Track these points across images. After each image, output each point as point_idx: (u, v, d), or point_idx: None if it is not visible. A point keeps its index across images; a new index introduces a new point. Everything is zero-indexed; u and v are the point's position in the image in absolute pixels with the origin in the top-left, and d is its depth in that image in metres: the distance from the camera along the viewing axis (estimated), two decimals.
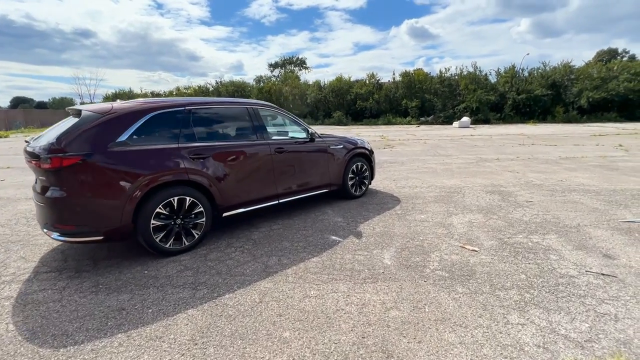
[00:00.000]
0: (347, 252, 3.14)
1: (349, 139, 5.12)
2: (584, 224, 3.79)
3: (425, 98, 30.84)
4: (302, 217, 4.27)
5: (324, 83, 35.04)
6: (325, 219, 4.19)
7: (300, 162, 4.26)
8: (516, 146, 12.23)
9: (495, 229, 3.66)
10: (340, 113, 31.26)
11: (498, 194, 5.19)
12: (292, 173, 4.17)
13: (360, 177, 5.17)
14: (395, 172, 7.37)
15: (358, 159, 5.08)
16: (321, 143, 4.52)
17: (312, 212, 4.48)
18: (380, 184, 6.17)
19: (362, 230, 3.75)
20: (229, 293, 2.46)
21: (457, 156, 9.75)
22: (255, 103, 3.96)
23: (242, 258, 3.07)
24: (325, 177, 4.60)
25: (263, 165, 3.81)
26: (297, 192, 4.25)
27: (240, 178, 3.59)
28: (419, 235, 3.55)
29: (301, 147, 4.28)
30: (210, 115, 3.53)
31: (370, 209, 4.57)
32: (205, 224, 3.31)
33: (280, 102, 35.02)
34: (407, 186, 5.91)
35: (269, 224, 4.01)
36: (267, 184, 3.88)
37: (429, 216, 4.17)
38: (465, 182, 6.18)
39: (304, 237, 3.58)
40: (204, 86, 38.94)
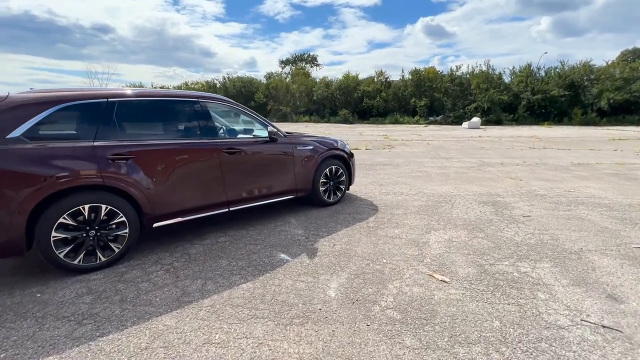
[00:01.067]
0: (288, 277, 2.60)
1: (323, 139, 4.56)
2: (588, 248, 3.13)
3: (434, 97, 29.85)
4: (259, 227, 3.74)
5: (331, 80, 34.39)
6: (285, 230, 3.65)
7: (258, 164, 3.72)
8: (525, 149, 11.40)
9: (477, 252, 3.05)
10: (347, 111, 30.60)
11: (492, 206, 4.55)
12: (247, 177, 3.64)
13: (336, 182, 4.60)
14: (385, 175, 6.76)
15: (332, 162, 4.52)
16: (286, 143, 3.98)
17: (272, 221, 3.95)
18: (364, 188, 5.59)
19: (319, 247, 3.19)
20: (115, 332, 1.96)
21: (458, 159, 9.04)
22: (203, 97, 3.43)
23: (162, 280, 2.57)
24: (291, 181, 4.05)
25: (208, 168, 3.29)
26: (253, 199, 3.72)
27: (177, 183, 3.08)
28: (383, 256, 2.98)
29: (259, 148, 3.74)
30: (141, 110, 3.03)
31: (340, 219, 4.01)
32: (128, 236, 2.82)
33: (287, 99, 34.58)
34: (392, 192, 5.31)
35: (216, 235, 3.50)
36: (213, 189, 3.36)
37: (403, 231, 3.59)
38: (458, 189, 5.54)
39: (248, 254, 3.05)
40: (211, 81, 38.84)
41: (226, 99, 3.67)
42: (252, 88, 36.51)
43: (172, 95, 3.23)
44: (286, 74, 42.66)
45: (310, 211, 4.33)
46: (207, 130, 3.34)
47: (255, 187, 3.73)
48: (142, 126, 3.03)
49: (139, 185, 2.84)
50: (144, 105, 3.03)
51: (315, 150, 4.28)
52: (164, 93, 3.21)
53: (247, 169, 3.63)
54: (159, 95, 3.14)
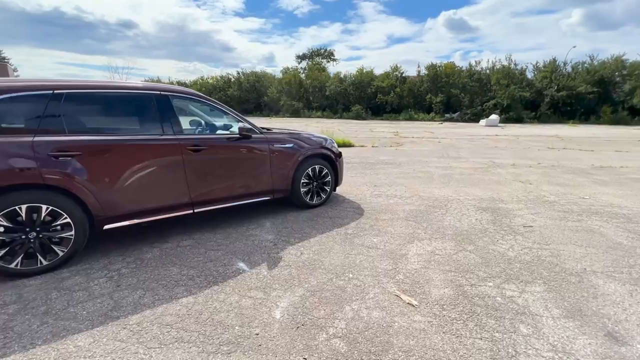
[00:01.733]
0: (236, 292, 2.33)
1: (306, 137, 4.24)
2: (593, 269, 2.69)
3: (451, 93, 28.79)
4: (230, 230, 3.49)
5: (345, 75, 33.81)
6: (255, 235, 3.38)
7: (227, 163, 3.46)
8: (543, 150, 10.66)
9: (460, 268, 2.67)
10: (359, 107, 30.01)
11: (491, 213, 4.11)
12: (214, 177, 3.38)
13: (319, 182, 4.29)
14: (384, 175, 6.37)
15: (316, 162, 4.20)
16: (261, 140, 3.69)
17: (246, 223, 3.68)
18: (355, 189, 5.25)
19: (284, 255, 2.90)
20: (19, 352, 1.74)
21: (467, 159, 8.50)
22: (167, 90, 3.18)
23: (100, 289, 2.35)
24: (266, 182, 3.77)
25: (169, 166, 3.05)
26: (221, 201, 3.47)
27: (131, 182, 2.85)
28: (351, 269, 2.65)
29: (230, 145, 3.47)
30: (93, 103, 2.81)
31: (319, 224, 3.70)
32: (74, 238, 2.62)
33: (300, 94, 34.31)
34: (384, 194, 4.94)
35: (181, 238, 3.27)
36: (175, 189, 3.12)
37: (383, 240, 3.24)
38: (458, 192, 5.10)
39: (205, 261, 2.80)
40: (225, 76, 39.06)
41: (194, 92, 3.41)
42: (266, 83, 36.39)
43: (129, 88, 2.99)
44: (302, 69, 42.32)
45: (289, 213, 4.04)
46: (169, 125, 3.09)
47: (225, 188, 3.47)
48: (93, 120, 2.81)
49: (86, 185, 2.63)
50: (96, 98, 2.81)
51: (295, 148, 3.98)
52: (120, 85, 2.98)
53: (215, 168, 3.37)
54: (114, 88, 2.91)
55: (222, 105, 3.60)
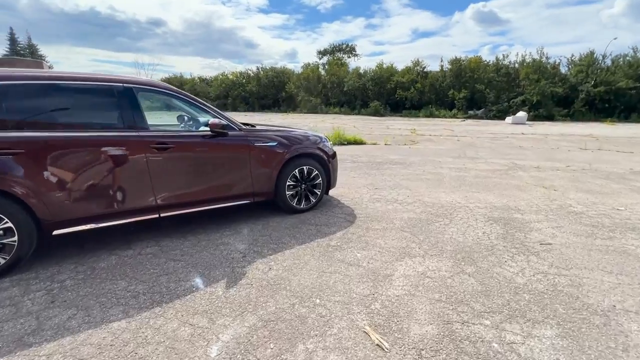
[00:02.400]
0: (178, 317, 1.99)
1: (294, 135, 3.84)
2: (625, 307, 2.14)
3: (475, 89, 27.39)
4: (202, 237, 3.17)
5: (365, 70, 33.00)
6: (227, 243, 3.04)
7: (200, 163, 3.13)
8: (574, 150, 9.70)
9: (453, 297, 2.21)
10: (378, 103, 29.18)
11: (503, 225, 3.56)
12: (184, 178, 3.06)
13: (308, 185, 3.89)
14: (389, 176, 5.87)
15: (305, 162, 3.80)
16: (239, 137, 3.33)
17: (222, 229, 3.36)
18: (353, 192, 4.81)
19: (250, 271, 2.54)
20: None
21: (486, 160, 7.80)
22: (130, 81, 2.88)
23: (31, 305, 2.09)
24: (245, 184, 3.42)
25: (130, 165, 2.76)
26: (192, 204, 3.15)
27: (85, 183, 2.58)
28: (321, 293, 2.25)
29: (203, 143, 3.14)
30: (39, 95, 2.54)
31: (301, 232, 3.31)
32: (17, 245, 2.38)
33: (318, 89, 33.89)
34: (384, 199, 4.48)
35: (146, 244, 2.98)
36: (137, 191, 2.83)
37: (368, 256, 2.80)
38: (469, 199, 4.54)
39: (160, 274, 2.49)
40: (245, 72, 39.23)
41: (163, 84, 3.09)
42: (284, 78, 36.16)
43: (83, 79, 2.70)
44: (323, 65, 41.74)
45: (273, 219, 3.68)
46: (132, 120, 2.79)
47: (196, 190, 3.15)
48: (41, 115, 2.55)
49: (30, 186, 2.37)
50: (43, 90, 2.54)
51: (280, 147, 3.59)
52: (74, 76, 2.70)
53: (184, 168, 3.05)
54: (64, 79, 2.63)
55: (197, 100, 3.26)
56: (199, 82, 41.50)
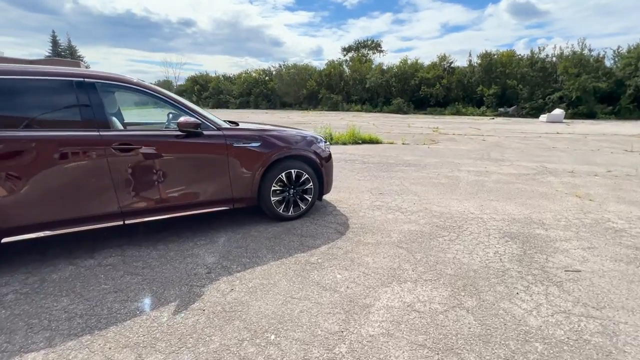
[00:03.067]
0: (104, 351, 1.69)
1: (283, 134, 3.48)
2: None
3: (507, 84, 25.72)
4: (172, 246, 2.90)
5: (388, 66, 32.00)
6: (196, 255, 2.75)
7: (170, 165, 2.85)
8: (618, 153, 8.62)
9: (441, 343, 1.75)
10: (401, 100, 28.19)
11: (521, 243, 3.00)
12: (151, 182, 2.79)
13: (297, 190, 3.52)
14: (398, 180, 5.38)
15: (293, 164, 3.43)
16: (216, 137, 3.01)
17: (197, 237, 3.07)
18: (354, 197, 4.38)
19: (208, 292, 2.22)
20: None
21: (512, 162, 7.06)
22: (92, 76, 2.63)
23: None
24: (223, 188, 3.10)
25: (89, 167, 2.52)
26: (161, 211, 2.88)
27: (37, 187, 2.37)
28: (280, 327, 1.87)
29: (174, 144, 2.85)
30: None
31: (282, 244, 2.95)
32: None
33: (340, 86, 33.36)
34: (386, 206, 4.02)
35: (111, 252, 2.75)
36: (98, 196, 2.59)
37: (349, 278, 2.39)
38: (484, 208, 3.98)
39: (108, 291, 2.22)
40: (267, 69, 39.42)
41: (130, 79, 2.82)
42: (306, 75, 35.88)
43: (36, 74, 2.49)
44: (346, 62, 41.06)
45: (256, 227, 3.35)
46: (91, 118, 2.55)
47: (166, 195, 2.87)
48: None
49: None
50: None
51: (264, 147, 3.24)
52: (27, 70, 2.48)
53: (152, 172, 2.78)
54: (15, 73, 2.42)
55: (169, 96, 2.97)
56: (223, 80, 42.20)
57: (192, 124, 2.81)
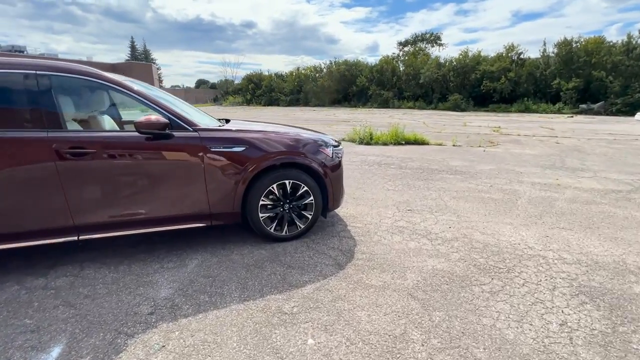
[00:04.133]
0: None
1: (277, 136, 2.82)
2: None
3: (592, 76, 21.86)
4: (134, 267, 2.45)
5: (445, 60, 29.47)
6: (153, 283, 2.25)
7: (131, 172, 2.39)
8: None
9: None
10: (458, 96, 25.71)
11: (608, 309, 1.96)
12: (111, 192, 2.36)
13: (294, 205, 2.86)
14: (436, 191, 4.41)
15: (289, 174, 2.77)
16: (190, 139, 2.48)
17: (167, 258, 2.59)
18: (374, 212, 3.58)
19: (130, 348, 1.68)
20: None
21: (595, 174, 5.52)
22: (39, 66, 2.25)
23: None
24: (198, 201, 2.57)
25: (31, 174, 2.16)
26: (122, 226, 2.44)
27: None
28: None
29: (136, 146, 2.38)
30: None
31: (259, 277, 2.32)
32: None
33: (392, 82, 31.74)
34: (411, 229, 3.16)
35: (64, 272, 2.39)
36: (47, 208, 2.23)
37: (324, 347, 1.66)
38: (551, 241, 2.89)
39: (23, 330, 1.80)
40: (318, 66, 39.18)
41: (90, 71, 2.38)
42: (356, 71, 34.77)
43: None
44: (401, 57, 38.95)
45: (240, 249, 2.77)
46: (39, 117, 2.18)
47: (128, 209, 2.43)
48: None
49: None
50: None
51: (250, 152, 2.64)
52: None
53: (112, 180, 2.35)
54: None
55: (134, 91, 2.47)
56: (275, 78, 43.07)
57: (155, 125, 2.30)
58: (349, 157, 7.04)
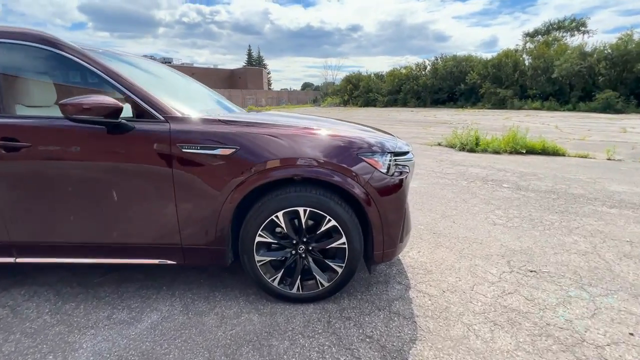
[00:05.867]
0: None
1: (286, 131, 1.71)
2: None
3: None
4: (71, 314, 1.74)
5: (593, 48, 22.90)
6: (72, 344, 1.47)
7: (75, 175, 1.65)
8: None
9: None
10: (612, 93, 19.47)
11: None
12: (53, 203, 1.68)
13: (315, 247, 1.72)
14: (585, 235, 2.59)
15: (301, 197, 1.65)
16: (154, 133, 1.60)
17: (132, 298, 1.81)
18: (463, 269, 2.15)
19: None
20: None
21: None
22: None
23: None
24: (162, 225, 1.68)
25: None
26: (67, 252, 1.73)
27: None
28: None
29: (86, 139, 1.63)
30: None
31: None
32: None
33: (512, 78, 26.63)
34: (530, 322, 1.62)
35: (7, 301, 1.84)
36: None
37: None
38: None
39: None
40: (421, 63, 36.12)
41: (40, 34, 1.72)
42: (466, 68, 30.35)
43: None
44: (526, 49, 32.48)
45: (227, 307, 1.79)
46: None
47: (74, 227, 1.71)
48: None
49: None
50: None
51: (244, 156, 1.62)
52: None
53: (53, 185, 1.66)
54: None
55: (95, 62, 1.71)
56: (374, 78, 41.70)
57: (108, 107, 1.49)
58: (442, 166, 5.40)
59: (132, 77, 1.71)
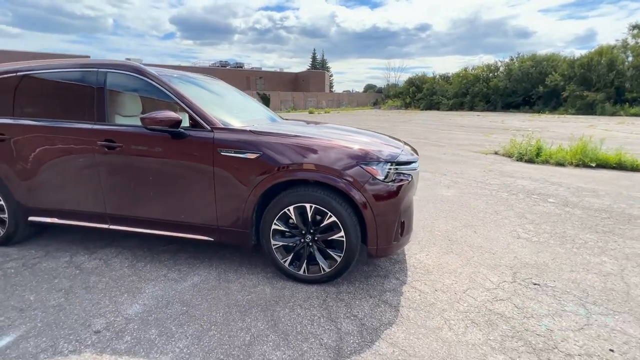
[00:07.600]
0: None
1: (307, 142, 2.09)
2: None
3: None
4: (142, 270, 2.36)
5: None
6: (140, 291, 2.06)
7: (146, 169, 2.26)
8: None
9: None
10: None
11: None
12: (132, 187, 2.33)
13: (319, 237, 2.07)
14: (618, 260, 2.47)
15: (308, 195, 2.01)
16: (200, 138, 2.12)
17: (180, 265, 2.38)
18: (464, 273, 2.30)
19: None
20: None
21: None
22: (107, 65, 2.39)
23: None
24: (205, 211, 2.20)
25: (84, 163, 2.37)
26: (142, 224, 2.36)
27: (53, 175, 2.46)
28: None
29: (155, 144, 2.22)
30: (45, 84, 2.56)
31: (222, 334, 1.72)
32: (8, 223, 2.60)
33: (605, 79, 23.15)
34: (511, 332, 1.74)
35: (101, 256, 2.56)
36: (89, 194, 2.41)
37: None
38: None
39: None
40: (493, 64, 33.36)
41: (140, 68, 2.33)
42: (547, 68, 27.11)
43: (64, 67, 2.47)
44: (628, 45, 27.81)
45: (249, 278, 2.25)
46: (97, 110, 2.35)
47: (146, 207, 2.34)
48: (39, 103, 2.59)
49: (8, 171, 2.49)
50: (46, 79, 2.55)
51: (265, 160, 2.05)
52: (56, 65, 2.53)
53: (133, 175, 2.31)
54: (54, 68, 2.52)
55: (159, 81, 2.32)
56: (439, 80, 39.76)
57: (170, 120, 2.07)
58: (488, 177, 5.23)
59: (192, 96, 2.28)
